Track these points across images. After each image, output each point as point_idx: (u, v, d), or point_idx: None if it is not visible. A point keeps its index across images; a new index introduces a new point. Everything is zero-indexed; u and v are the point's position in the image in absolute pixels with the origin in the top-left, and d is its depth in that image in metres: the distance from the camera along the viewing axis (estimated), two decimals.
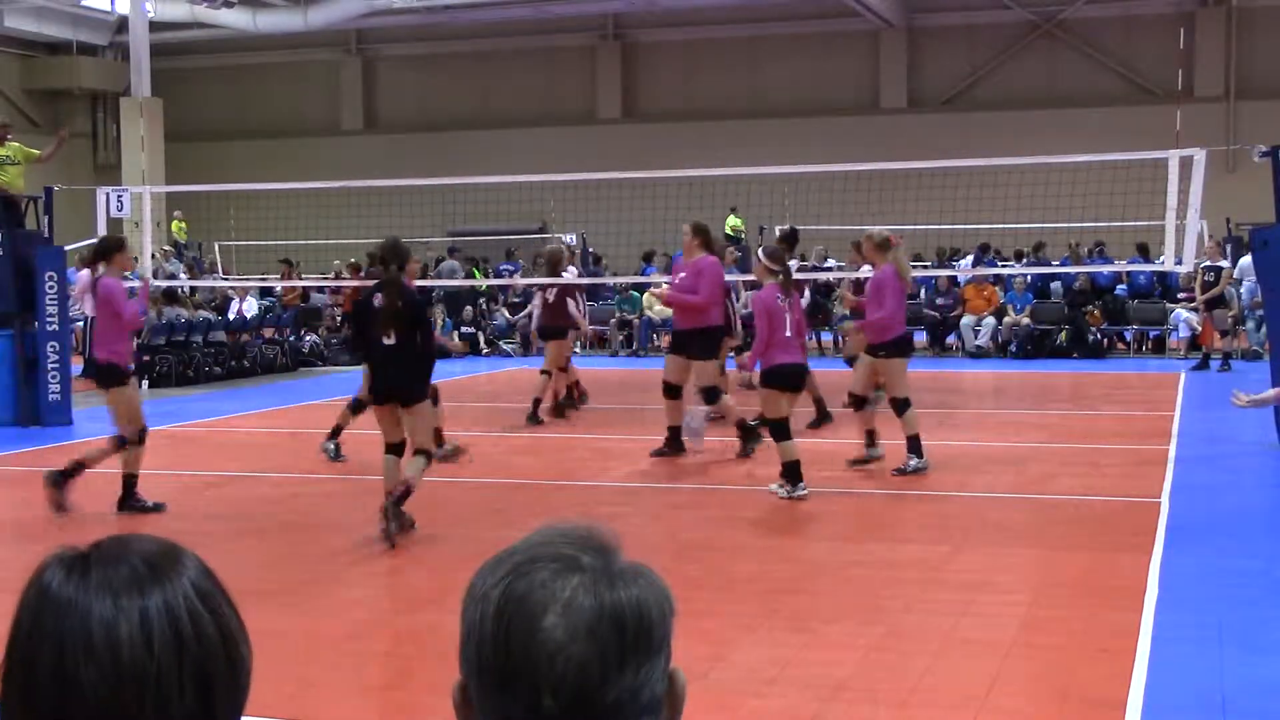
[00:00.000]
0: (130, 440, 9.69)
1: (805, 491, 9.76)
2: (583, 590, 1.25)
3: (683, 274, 11.96)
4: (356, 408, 11.64)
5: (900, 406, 10.86)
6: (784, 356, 9.81)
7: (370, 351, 8.85)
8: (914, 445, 10.82)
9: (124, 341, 9.90)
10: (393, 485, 8.63)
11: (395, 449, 8.80)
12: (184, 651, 1.24)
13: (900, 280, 10.78)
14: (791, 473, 9.74)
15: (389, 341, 8.56)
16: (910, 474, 10.70)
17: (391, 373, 8.64)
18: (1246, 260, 19.05)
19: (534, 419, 14.02)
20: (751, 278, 12.00)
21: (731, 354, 13.65)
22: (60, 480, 9.54)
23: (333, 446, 11.79)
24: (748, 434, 11.65)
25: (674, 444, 11.83)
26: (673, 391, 11.91)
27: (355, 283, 24.55)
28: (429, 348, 8.84)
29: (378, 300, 8.64)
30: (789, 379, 9.91)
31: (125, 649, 1.22)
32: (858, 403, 11.32)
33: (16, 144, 15.71)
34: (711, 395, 11.74)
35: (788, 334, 9.84)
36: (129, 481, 9.74)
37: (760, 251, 10.60)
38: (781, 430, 9.78)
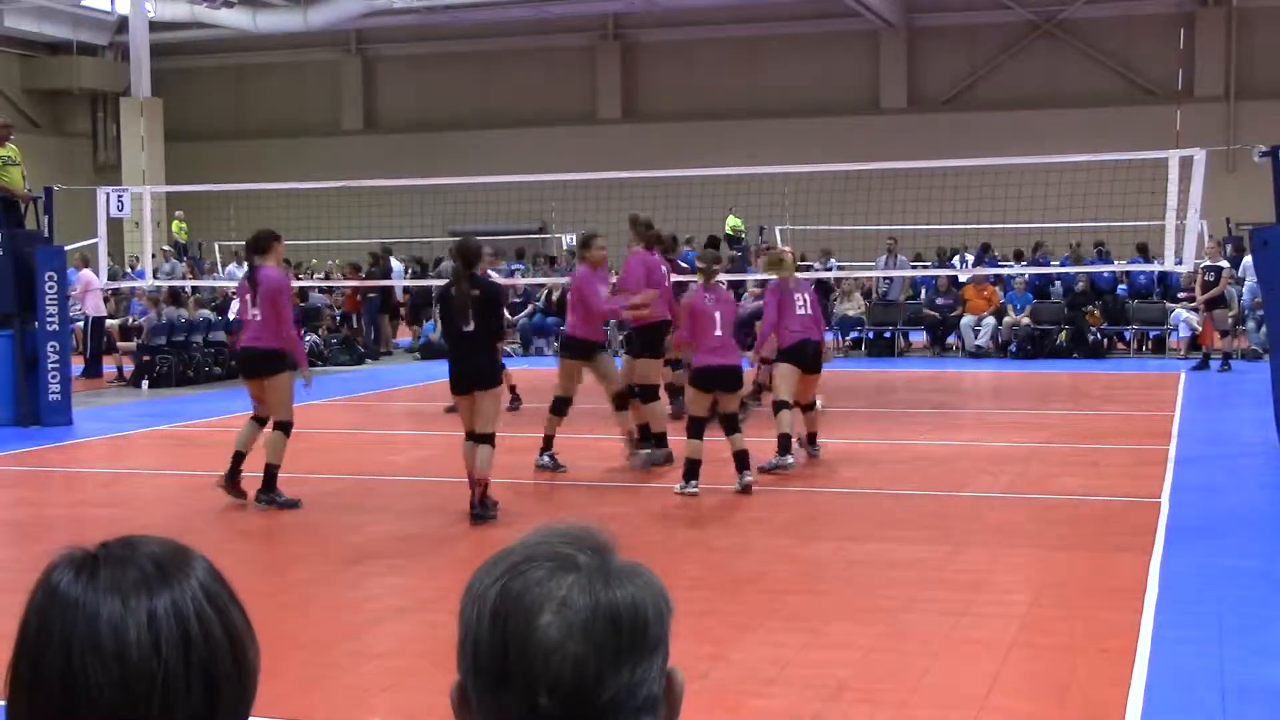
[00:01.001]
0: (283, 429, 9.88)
1: (697, 490, 9.90)
2: (578, 589, 1.26)
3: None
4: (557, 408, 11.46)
5: (776, 407, 11.13)
6: (710, 359, 9.98)
7: (452, 340, 9.37)
8: (784, 444, 10.99)
9: (287, 331, 10.05)
10: (474, 468, 9.19)
11: (473, 436, 9.30)
12: (191, 653, 1.24)
13: (786, 293, 11.12)
14: (691, 470, 9.95)
15: (467, 329, 9.05)
16: (773, 471, 10.76)
17: (468, 359, 9.14)
18: (1249, 261, 19.06)
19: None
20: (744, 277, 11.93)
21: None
22: (234, 477, 9.67)
23: (548, 459, 11.40)
24: (645, 439, 11.49)
25: (657, 443, 11.52)
26: (649, 394, 11.71)
27: (354, 283, 24.61)
28: (501, 336, 9.50)
29: (454, 291, 9.15)
30: (713, 380, 10.02)
31: (133, 650, 1.22)
32: (804, 407, 11.44)
33: (15, 146, 15.68)
34: (648, 395, 11.51)
35: (717, 333, 9.99)
36: (271, 472, 9.76)
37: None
38: (695, 429, 10.01)
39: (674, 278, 13.34)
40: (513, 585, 1.27)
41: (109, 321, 21.90)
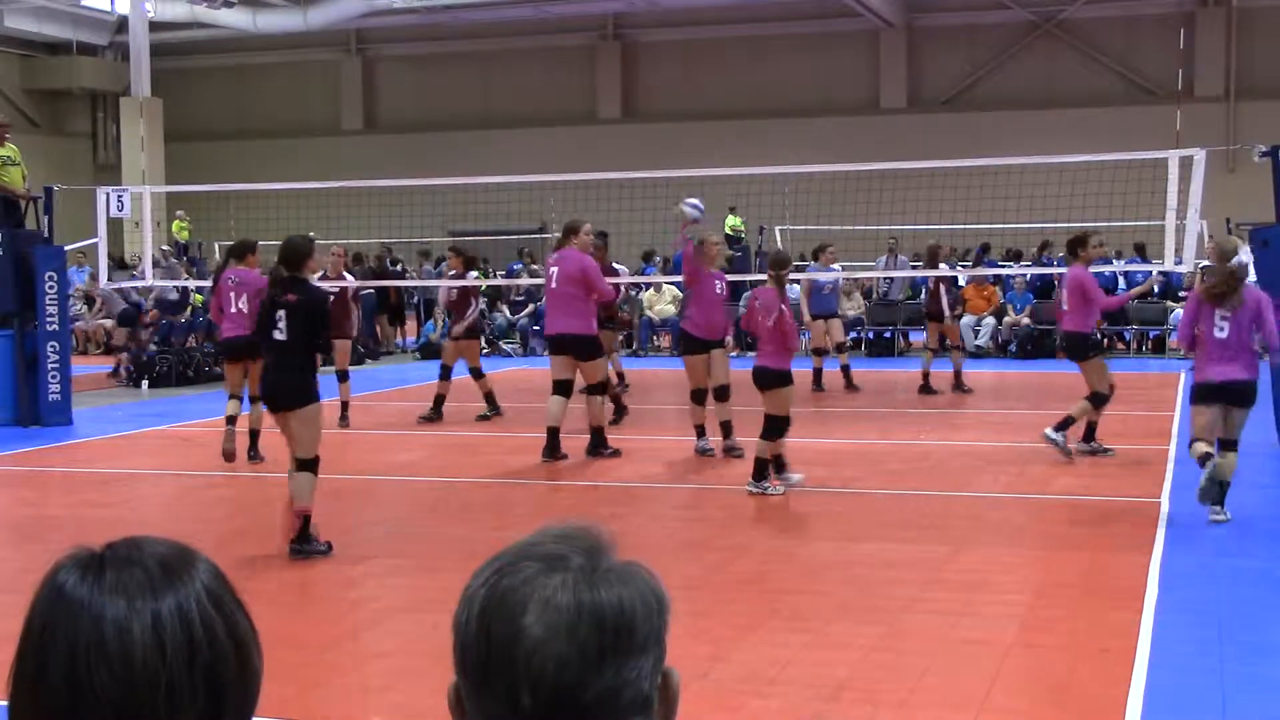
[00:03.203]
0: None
1: (769, 489, 9.92)
2: (563, 589, 1.26)
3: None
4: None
5: (716, 393, 11.77)
6: (756, 360, 10.13)
7: (265, 350, 8.51)
8: (726, 429, 11.74)
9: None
10: (292, 497, 8.30)
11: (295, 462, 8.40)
12: (195, 655, 1.25)
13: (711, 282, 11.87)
14: (760, 469, 10.02)
15: (280, 337, 8.26)
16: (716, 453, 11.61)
17: (278, 373, 8.33)
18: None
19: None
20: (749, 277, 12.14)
21: None
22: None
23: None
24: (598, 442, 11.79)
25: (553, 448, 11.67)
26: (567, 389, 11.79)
27: (357, 282, 24.54)
28: (319, 350, 8.56)
29: (275, 296, 8.35)
30: (755, 379, 10.09)
31: (138, 651, 1.23)
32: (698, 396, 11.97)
33: (14, 146, 15.63)
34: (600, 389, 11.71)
35: (761, 335, 10.07)
36: (255, 437, 11.79)
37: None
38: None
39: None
40: (500, 585, 1.28)
41: (106, 321, 21.86)
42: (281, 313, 8.21)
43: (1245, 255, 12.14)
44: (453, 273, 15.54)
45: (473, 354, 14.84)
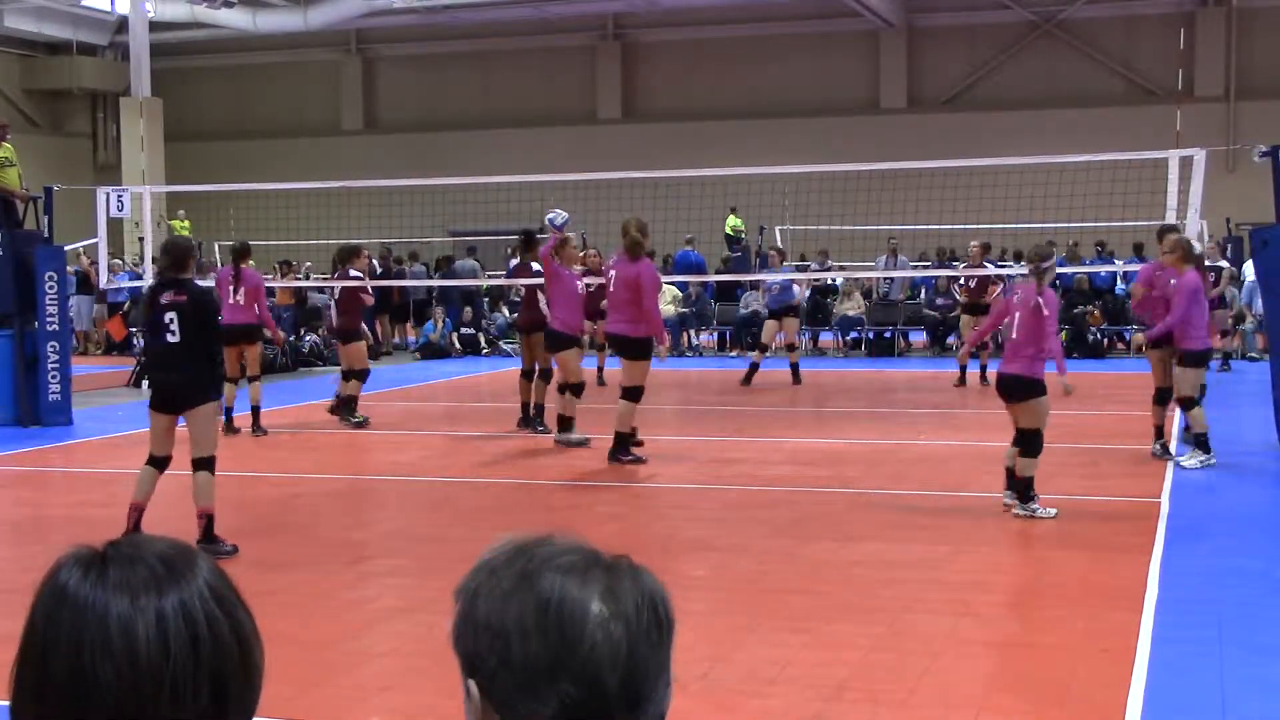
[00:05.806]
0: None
1: (1043, 510, 9.15)
2: (617, 575, 1.30)
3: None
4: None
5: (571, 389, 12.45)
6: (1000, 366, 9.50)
7: (153, 351, 8.40)
8: (565, 425, 12.45)
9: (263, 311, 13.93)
10: (143, 498, 8.28)
11: (159, 462, 8.36)
12: (199, 652, 1.25)
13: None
14: (1030, 486, 9.18)
15: (173, 340, 8.14)
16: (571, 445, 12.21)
17: (174, 374, 8.22)
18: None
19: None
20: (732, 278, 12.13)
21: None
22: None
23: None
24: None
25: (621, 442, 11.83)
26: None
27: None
28: (215, 349, 8.48)
29: (164, 297, 8.18)
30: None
31: (142, 648, 1.23)
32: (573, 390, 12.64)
33: (11, 146, 15.61)
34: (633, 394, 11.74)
35: (1013, 335, 9.37)
36: (257, 411, 13.72)
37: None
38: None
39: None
40: (547, 577, 1.29)
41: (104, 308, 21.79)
42: (172, 315, 8.09)
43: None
44: (353, 272, 15.48)
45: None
